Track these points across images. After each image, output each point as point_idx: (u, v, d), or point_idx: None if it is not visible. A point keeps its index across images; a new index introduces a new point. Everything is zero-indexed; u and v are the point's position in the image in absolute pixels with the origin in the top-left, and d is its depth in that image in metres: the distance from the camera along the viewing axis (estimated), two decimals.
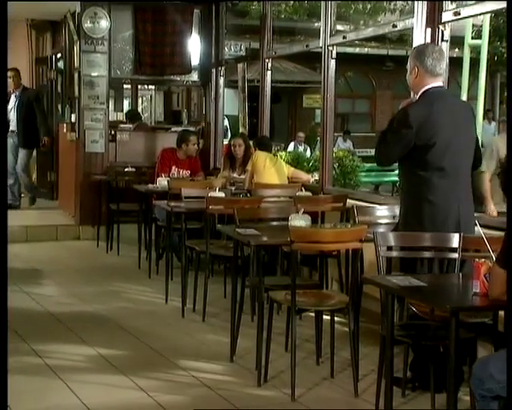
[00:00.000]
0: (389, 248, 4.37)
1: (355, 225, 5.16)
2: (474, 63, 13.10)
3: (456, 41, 13.11)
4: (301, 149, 16.27)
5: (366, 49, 20.25)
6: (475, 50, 13.32)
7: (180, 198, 6.87)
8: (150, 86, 14.58)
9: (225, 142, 10.77)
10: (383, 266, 4.22)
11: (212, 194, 6.49)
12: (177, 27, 10.15)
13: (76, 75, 9.95)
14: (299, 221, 4.95)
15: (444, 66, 4.66)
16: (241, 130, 11.43)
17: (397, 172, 15.82)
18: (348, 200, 6.53)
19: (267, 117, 8.75)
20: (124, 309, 6.49)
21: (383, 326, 4.10)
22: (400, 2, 21.08)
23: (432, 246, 4.22)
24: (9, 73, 10.55)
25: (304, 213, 5.20)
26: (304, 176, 8.10)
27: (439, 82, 4.60)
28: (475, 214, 4.72)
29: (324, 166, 7.47)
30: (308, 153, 15.20)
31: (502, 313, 4.19)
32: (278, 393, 4.62)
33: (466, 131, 4.60)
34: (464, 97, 12.67)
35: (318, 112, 21.84)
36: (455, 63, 12.60)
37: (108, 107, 10.05)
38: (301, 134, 17.20)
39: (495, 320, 4.22)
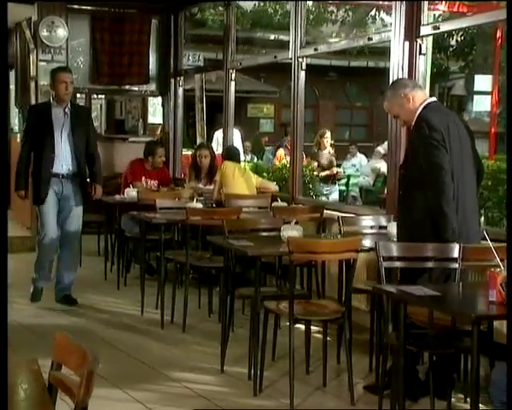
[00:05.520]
0: (385, 259, 4.39)
1: (348, 236, 5.23)
2: None
3: None
4: (248, 158, 16.31)
5: (308, 59, 20.43)
6: None
7: (150, 209, 6.84)
8: (100, 96, 14.39)
9: (185, 152, 10.79)
10: (384, 276, 4.27)
11: (190, 205, 6.50)
12: (135, 37, 10.14)
13: (32, 85, 9.80)
14: (292, 232, 4.99)
15: None
16: (199, 140, 11.48)
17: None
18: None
19: (232, 127, 8.79)
20: (101, 321, 6.42)
21: (390, 335, 4.17)
22: (341, 12, 21.33)
23: (432, 256, 4.29)
24: (68, 78, 6.70)
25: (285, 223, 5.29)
26: (271, 186, 8.14)
27: (430, 98, 4.69)
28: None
29: (294, 176, 7.52)
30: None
31: (496, 322, 4.33)
32: (276, 402, 4.65)
33: (467, 146, 4.56)
34: None
35: (263, 121, 21.96)
36: None
37: None
38: (248, 143, 17.27)
39: (490, 329, 4.34)
